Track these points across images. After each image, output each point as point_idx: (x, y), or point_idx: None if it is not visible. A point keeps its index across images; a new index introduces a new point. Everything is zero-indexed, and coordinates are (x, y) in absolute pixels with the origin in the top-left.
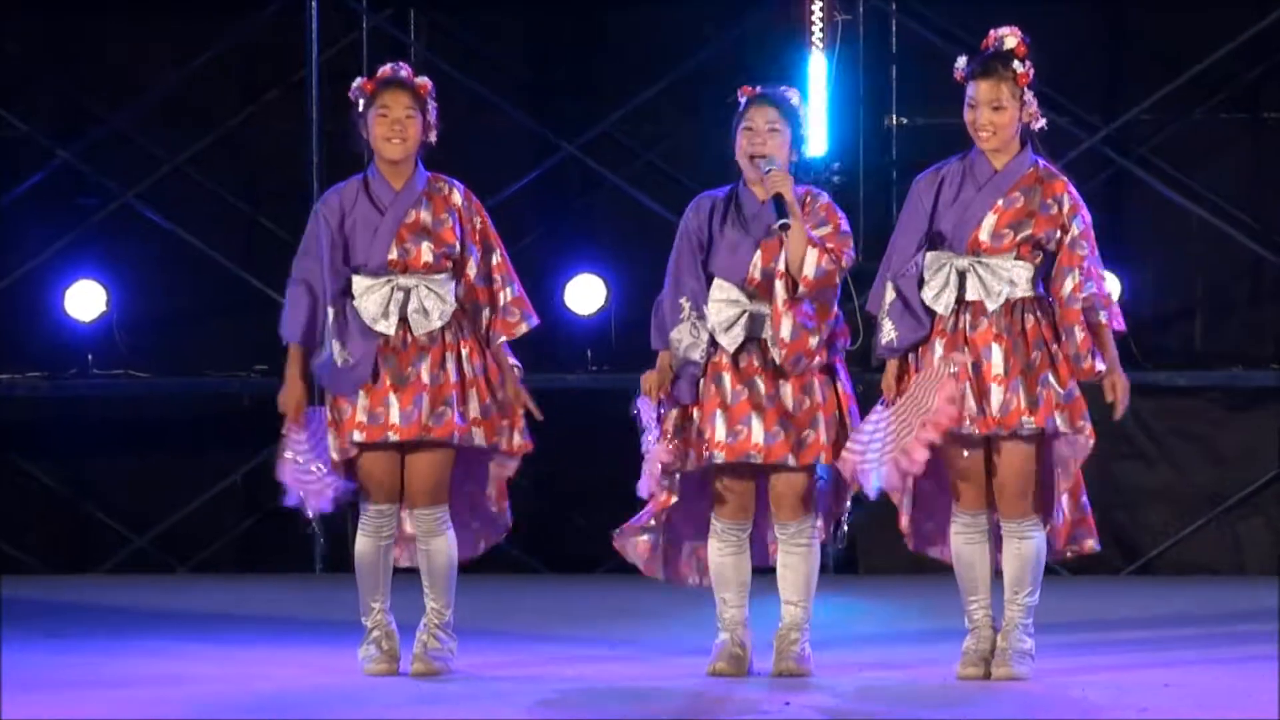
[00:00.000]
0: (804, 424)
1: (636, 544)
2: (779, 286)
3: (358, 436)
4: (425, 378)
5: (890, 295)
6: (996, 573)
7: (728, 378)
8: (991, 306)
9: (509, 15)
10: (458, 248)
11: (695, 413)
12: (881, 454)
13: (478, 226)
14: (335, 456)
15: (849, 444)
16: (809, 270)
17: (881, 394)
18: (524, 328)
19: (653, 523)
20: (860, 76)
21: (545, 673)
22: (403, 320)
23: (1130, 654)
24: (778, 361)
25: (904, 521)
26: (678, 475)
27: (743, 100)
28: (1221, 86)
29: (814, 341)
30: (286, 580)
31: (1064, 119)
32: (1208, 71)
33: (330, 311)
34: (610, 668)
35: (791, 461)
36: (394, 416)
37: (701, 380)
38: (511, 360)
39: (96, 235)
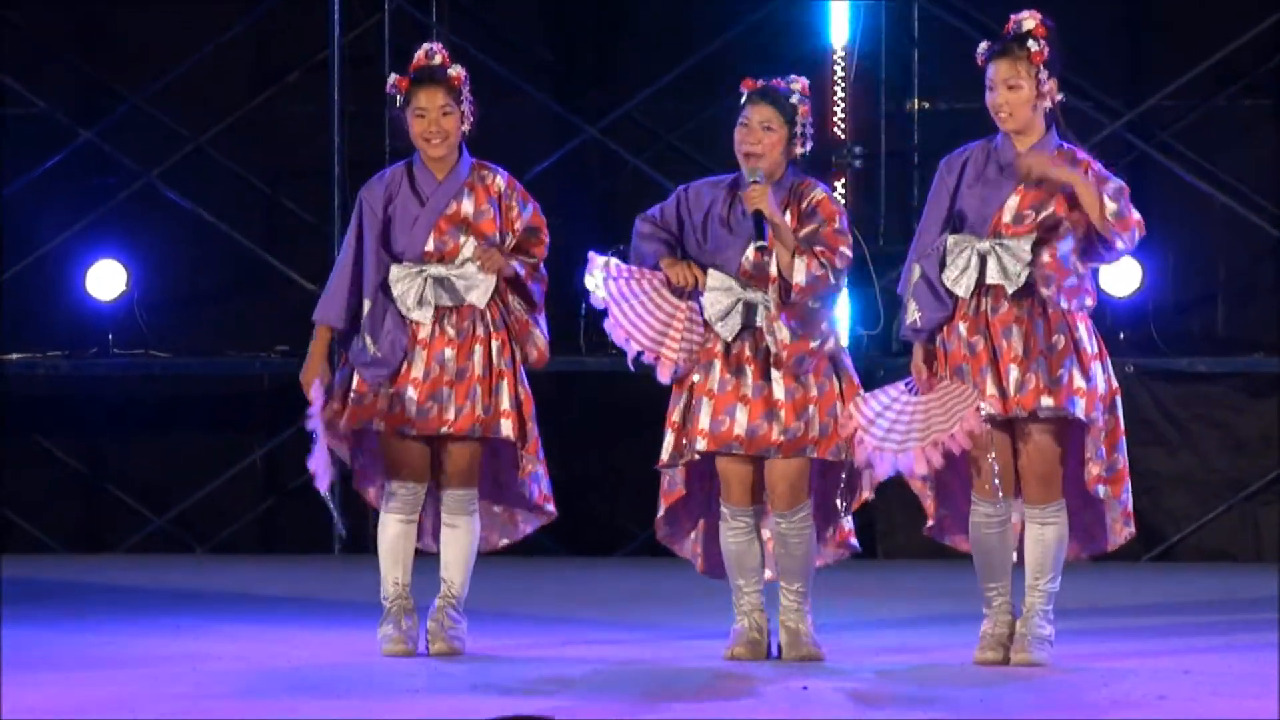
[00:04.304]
0: (792, 416)
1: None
2: (773, 291)
3: (378, 425)
4: (452, 372)
5: (915, 275)
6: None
7: (718, 365)
8: (1011, 289)
9: None
10: (496, 238)
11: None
12: (903, 441)
13: (515, 215)
14: (324, 424)
15: (864, 427)
16: (799, 278)
17: (908, 376)
18: (535, 293)
19: (661, 514)
20: (882, 60)
21: (563, 655)
22: (437, 308)
23: (1150, 640)
24: (782, 361)
25: (929, 507)
26: (679, 468)
27: (744, 93)
28: (1244, 72)
29: (812, 345)
30: (305, 561)
31: (1086, 104)
32: (1230, 57)
33: (367, 304)
34: (628, 650)
35: (776, 454)
36: (412, 410)
37: (705, 365)
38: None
39: (117, 215)
